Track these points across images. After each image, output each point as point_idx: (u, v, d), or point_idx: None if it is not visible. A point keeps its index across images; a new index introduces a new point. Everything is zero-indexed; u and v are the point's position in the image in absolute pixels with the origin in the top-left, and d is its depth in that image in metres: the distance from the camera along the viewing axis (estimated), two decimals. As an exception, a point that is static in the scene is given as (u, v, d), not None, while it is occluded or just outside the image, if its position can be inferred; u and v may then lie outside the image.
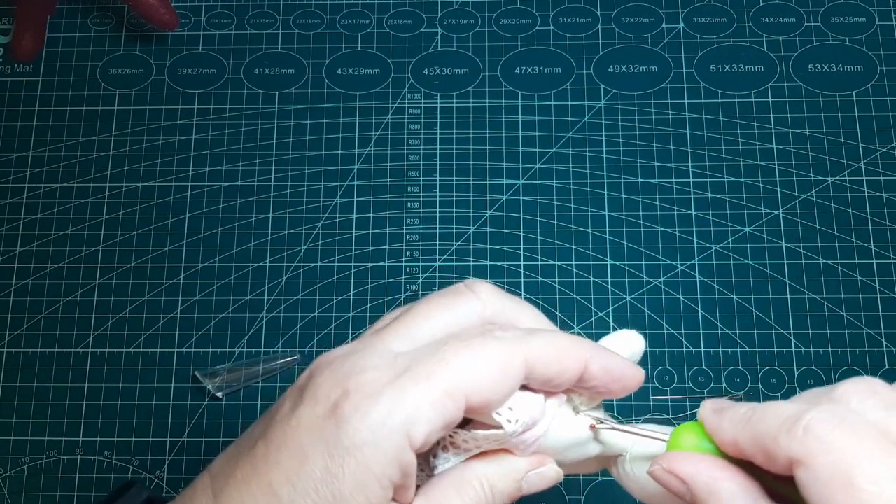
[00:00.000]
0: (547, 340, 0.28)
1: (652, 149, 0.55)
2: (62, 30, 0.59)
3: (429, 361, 0.26)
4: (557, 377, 0.28)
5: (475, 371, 0.26)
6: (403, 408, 0.25)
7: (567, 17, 0.58)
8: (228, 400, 0.51)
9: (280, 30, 0.59)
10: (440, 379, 0.26)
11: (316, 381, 0.27)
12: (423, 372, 0.26)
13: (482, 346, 0.27)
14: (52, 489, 0.50)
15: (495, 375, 0.27)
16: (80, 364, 0.52)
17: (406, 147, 0.56)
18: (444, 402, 0.26)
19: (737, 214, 0.53)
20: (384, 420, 0.25)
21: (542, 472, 0.30)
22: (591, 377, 0.29)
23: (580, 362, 0.28)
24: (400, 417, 0.25)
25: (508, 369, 0.27)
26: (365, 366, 0.27)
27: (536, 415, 0.28)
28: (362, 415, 0.25)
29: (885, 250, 0.52)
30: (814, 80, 0.56)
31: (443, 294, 0.30)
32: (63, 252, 0.54)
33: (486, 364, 0.27)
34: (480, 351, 0.27)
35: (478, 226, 0.54)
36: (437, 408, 0.26)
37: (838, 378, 0.50)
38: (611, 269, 0.52)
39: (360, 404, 0.25)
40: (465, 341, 0.27)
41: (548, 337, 0.28)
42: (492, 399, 0.27)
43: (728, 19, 0.58)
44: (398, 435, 0.25)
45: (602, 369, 0.29)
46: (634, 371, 0.30)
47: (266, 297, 0.53)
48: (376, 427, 0.25)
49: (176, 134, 0.56)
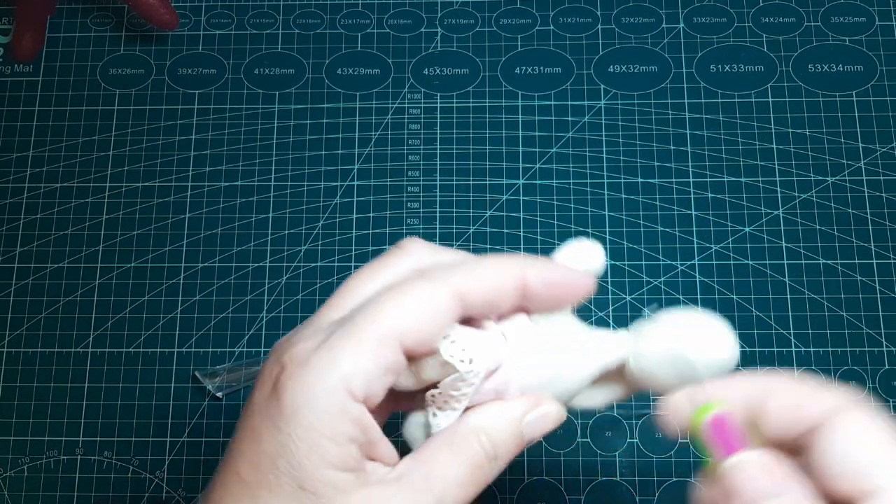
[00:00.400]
0: (475, 266, 0.28)
1: (652, 149, 0.55)
2: (62, 30, 0.59)
3: (355, 317, 0.27)
4: (495, 298, 0.28)
5: (401, 312, 0.26)
6: (334, 364, 0.26)
7: (567, 17, 0.58)
8: (228, 400, 0.51)
9: (280, 30, 0.59)
10: (366, 328, 0.26)
11: (264, 365, 0.28)
12: (349, 327, 0.26)
13: (407, 287, 0.27)
14: (52, 489, 0.50)
15: (423, 312, 0.26)
16: (80, 364, 0.52)
17: (406, 147, 0.56)
18: (376, 349, 0.26)
19: (737, 214, 0.53)
20: (317, 380, 0.25)
21: (540, 413, 0.29)
22: (533, 292, 0.28)
23: (515, 279, 0.28)
24: (334, 374, 0.25)
25: (437, 303, 0.27)
26: (298, 339, 0.27)
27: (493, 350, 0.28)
28: (296, 381, 0.26)
29: (885, 250, 0.52)
30: (814, 80, 0.56)
31: (376, 259, 0.30)
32: (63, 252, 0.54)
33: (412, 303, 0.26)
34: (404, 292, 0.27)
35: (478, 226, 0.54)
36: (369, 356, 0.26)
37: (838, 378, 0.50)
38: (611, 269, 0.52)
39: (293, 372, 0.26)
40: (390, 289, 0.27)
41: (476, 262, 0.28)
42: (425, 336, 0.27)
43: (728, 19, 0.58)
44: (337, 391, 0.25)
45: (540, 282, 0.28)
46: (578, 277, 0.29)
47: (266, 297, 0.53)
48: (311, 388, 0.25)
49: (176, 134, 0.56)
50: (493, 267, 0.28)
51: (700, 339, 0.29)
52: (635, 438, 0.49)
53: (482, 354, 0.28)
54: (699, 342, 0.29)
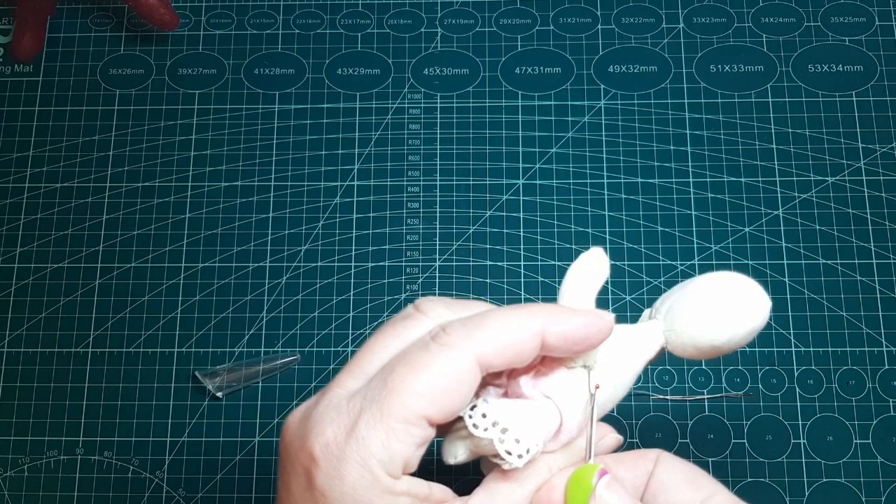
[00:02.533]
0: (494, 327, 0.27)
1: (652, 149, 0.55)
2: (62, 30, 0.59)
3: (379, 397, 0.26)
4: (516, 359, 0.28)
5: (425, 388, 0.26)
6: (370, 455, 0.26)
7: (567, 17, 0.58)
8: (228, 400, 0.51)
9: (280, 30, 0.59)
10: (392, 410, 0.26)
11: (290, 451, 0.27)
12: (377, 410, 0.26)
13: (426, 358, 0.27)
14: (52, 489, 0.50)
15: (447, 384, 0.26)
16: (81, 364, 0.52)
17: (406, 147, 0.56)
18: (405, 430, 0.26)
19: (737, 214, 0.53)
20: (359, 475, 0.26)
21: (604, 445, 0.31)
22: (553, 348, 0.28)
23: (535, 339, 0.28)
24: (371, 465, 0.26)
25: (459, 373, 0.27)
26: (323, 423, 0.27)
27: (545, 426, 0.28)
28: (337, 479, 0.26)
29: (885, 250, 0.52)
30: (814, 80, 0.56)
31: (392, 321, 0.30)
32: (63, 252, 0.54)
33: (435, 377, 0.26)
34: (426, 364, 0.26)
35: (478, 226, 0.54)
36: (401, 439, 0.26)
37: (838, 378, 0.50)
38: (611, 269, 0.52)
39: (332, 473, 0.26)
40: (409, 361, 0.27)
41: (494, 322, 0.27)
42: (450, 407, 0.27)
43: (728, 19, 0.58)
44: (378, 480, 0.26)
45: (561, 338, 0.28)
46: (597, 327, 0.29)
47: (266, 297, 0.53)
48: (355, 484, 0.26)
49: (176, 134, 0.56)
50: (513, 326, 0.28)
51: (735, 308, 0.30)
52: (636, 438, 0.49)
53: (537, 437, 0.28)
54: (733, 312, 0.29)
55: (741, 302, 0.30)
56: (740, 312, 0.30)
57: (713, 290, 0.30)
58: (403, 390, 0.26)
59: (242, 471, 0.50)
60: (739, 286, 0.30)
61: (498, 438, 0.27)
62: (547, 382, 0.29)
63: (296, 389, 0.51)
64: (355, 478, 0.26)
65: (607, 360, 0.30)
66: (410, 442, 0.26)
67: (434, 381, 0.26)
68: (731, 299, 0.30)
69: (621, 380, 0.30)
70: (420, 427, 0.26)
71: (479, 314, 0.28)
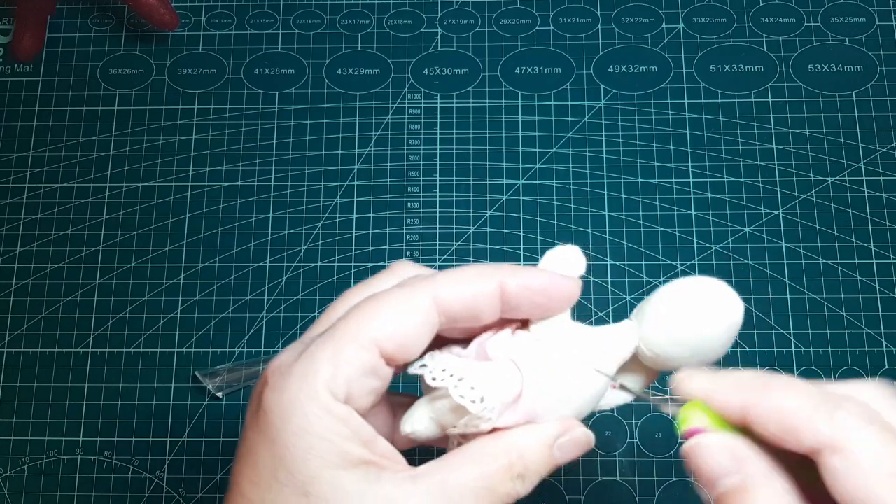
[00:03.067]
0: (453, 273, 0.28)
1: (652, 149, 0.55)
2: (62, 30, 0.59)
3: (335, 325, 0.27)
4: (475, 304, 0.27)
5: (378, 315, 0.26)
6: (313, 369, 0.26)
7: (567, 17, 0.58)
8: (228, 400, 0.51)
9: (280, 30, 0.59)
10: (343, 334, 0.26)
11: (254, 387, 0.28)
12: (328, 335, 0.27)
13: (386, 294, 0.27)
14: (52, 489, 0.50)
15: (401, 315, 0.26)
16: (81, 364, 0.52)
17: (406, 147, 0.56)
18: (353, 352, 0.26)
19: (737, 214, 0.53)
20: (299, 387, 0.26)
21: (573, 438, 0.28)
22: (515, 299, 0.28)
23: (493, 284, 0.27)
24: (314, 379, 0.26)
25: (414, 307, 0.27)
26: (280, 355, 0.27)
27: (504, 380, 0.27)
28: (279, 392, 0.26)
29: (885, 250, 0.52)
30: (814, 80, 0.56)
31: (364, 280, 0.30)
32: (63, 252, 0.54)
33: (389, 307, 0.26)
34: (384, 298, 0.27)
35: (478, 226, 0.54)
36: (346, 357, 0.26)
37: (838, 378, 0.50)
38: (611, 269, 0.52)
39: (276, 384, 0.26)
40: (370, 297, 0.27)
41: (454, 271, 0.28)
42: (403, 339, 0.26)
43: (728, 19, 0.58)
44: (319, 394, 0.25)
45: (521, 286, 0.28)
46: (560, 280, 0.29)
47: (266, 297, 0.53)
48: (295, 396, 0.25)
49: (176, 134, 0.56)
50: (471, 273, 0.28)
51: (704, 310, 0.29)
52: (635, 438, 0.49)
53: (494, 389, 0.27)
54: (703, 313, 0.29)
55: (710, 300, 0.29)
56: (708, 310, 0.29)
57: (683, 289, 0.30)
58: (357, 316, 0.26)
59: (242, 471, 0.50)
60: (710, 287, 0.30)
61: (453, 385, 0.27)
62: (513, 347, 0.28)
63: (296, 389, 0.51)
64: (295, 390, 0.25)
65: (575, 351, 0.29)
66: (357, 364, 0.26)
67: (388, 309, 0.26)
68: (700, 298, 0.29)
69: (589, 375, 0.29)
70: (369, 352, 0.26)
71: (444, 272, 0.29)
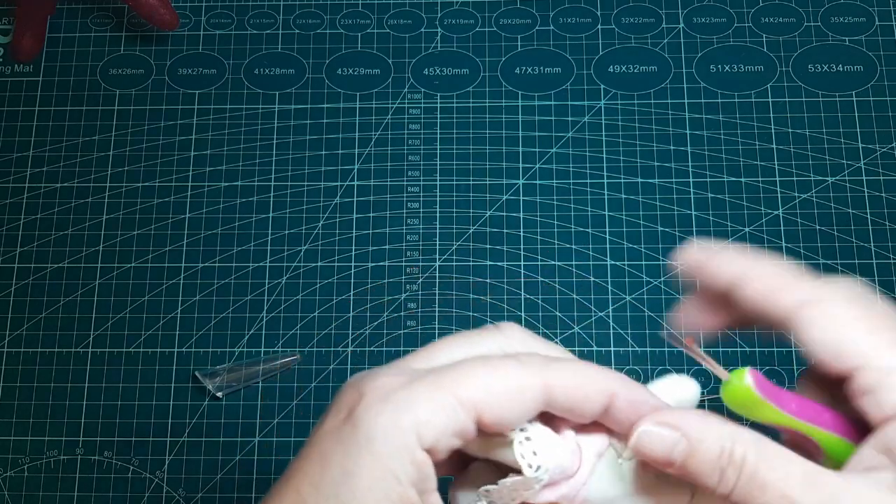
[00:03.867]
0: (570, 367, 0.27)
1: (652, 149, 0.55)
2: (62, 30, 0.59)
3: (443, 371, 0.27)
4: (579, 405, 0.27)
5: (488, 384, 0.26)
6: (413, 407, 0.26)
7: (567, 17, 0.58)
8: (228, 400, 0.51)
9: (280, 30, 0.59)
10: (451, 385, 0.26)
11: (339, 394, 0.28)
12: (436, 379, 0.26)
13: (500, 363, 0.27)
14: (52, 489, 0.50)
15: (510, 392, 0.26)
16: (81, 364, 0.52)
17: (406, 147, 0.56)
18: (453, 407, 0.26)
19: (737, 214, 0.53)
20: (394, 417, 0.26)
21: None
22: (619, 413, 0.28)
23: (604, 393, 0.27)
24: (409, 416, 0.26)
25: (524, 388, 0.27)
26: (381, 375, 0.27)
27: (564, 461, 0.27)
28: (374, 413, 0.26)
29: (885, 250, 0.52)
30: (814, 80, 0.56)
31: (471, 329, 0.30)
32: (63, 252, 0.54)
33: (500, 380, 0.26)
34: (497, 367, 0.27)
35: (478, 226, 0.54)
36: (446, 412, 0.26)
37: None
38: (611, 269, 0.52)
39: (373, 405, 0.26)
40: (483, 359, 0.27)
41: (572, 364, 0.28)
42: (504, 416, 0.26)
43: (728, 19, 0.58)
44: (408, 433, 0.25)
45: (629, 404, 0.27)
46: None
47: (266, 297, 0.53)
48: (387, 423, 0.26)
49: (176, 134, 0.56)
50: (588, 372, 0.28)
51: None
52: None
53: (552, 462, 0.27)
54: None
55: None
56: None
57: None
58: (467, 376, 0.27)
59: (242, 471, 0.50)
60: None
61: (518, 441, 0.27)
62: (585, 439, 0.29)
63: (296, 389, 0.51)
64: (391, 420, 0.26)
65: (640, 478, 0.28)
66: (450, 418, 0.26)
67: (499, 382, 0.26)
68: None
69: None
70: (467, 415, 0.26)
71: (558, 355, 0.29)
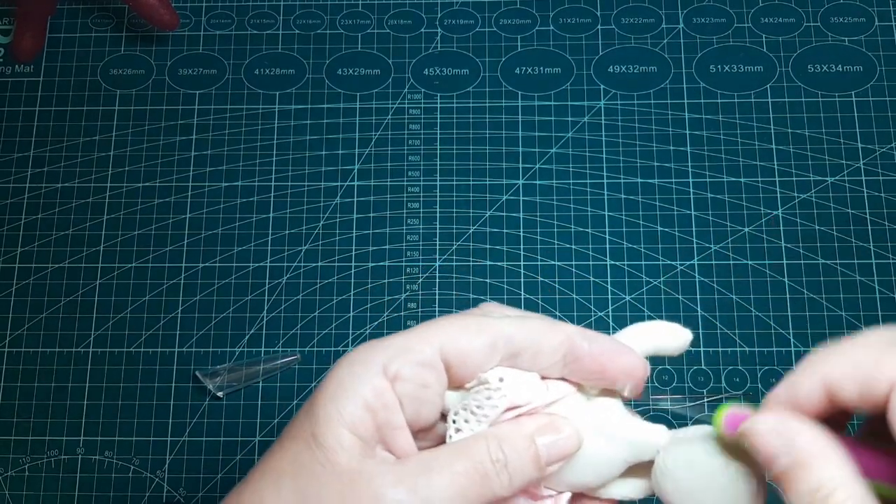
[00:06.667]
0: (530, 318, 0.29)
1: (652, 149, 0.55)
2: (62, 30, 0.59)
3: (413, 327, 0.29)
4: (540, 348, 0.28)
5: (450, 327, 0.28)
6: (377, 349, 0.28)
7: (567, 17, 0.58)
8: (229, 400, 0.51)
9: (280, 30, 0.59)
10: (415, 331, 0.28)
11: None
12: (400, 332, 0.28)
13: (464, 315, 0.29)
14: (52, 489, 0.50)
15: (469, 333, 0.28)
16: (81, 364, 0.52)
17: (406, 147, 0.56)
18: (417, 343, 0.28)
19: (736, 214, 0.53)
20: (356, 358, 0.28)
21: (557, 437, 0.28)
22: (579, 359, 0.28)
23: (563, 338, 0.28)
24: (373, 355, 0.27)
25: (484, 329, 0.28)
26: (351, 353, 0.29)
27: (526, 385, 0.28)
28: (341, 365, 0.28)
29: (885, 250, 0.52)
30: (813, 80, 0.56)
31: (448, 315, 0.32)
32: (64, 252, 0.54)
33: (461, 324, 0.28)
34: (460, 319, 0.29)
35: (478, 226, 0.54)
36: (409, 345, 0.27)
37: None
38: (610, 269, 0.53)
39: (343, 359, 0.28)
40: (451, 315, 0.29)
41: (532, 317, 0.29)
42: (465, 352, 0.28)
43: (728, 19, 0.58)
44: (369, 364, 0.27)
45: (587, 349, 0.28)
46: (629, 356, 0.29)
47: (266, 297, 0.53)
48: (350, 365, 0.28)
49: (176, 134, 0.56)
50: (548, 324, 0.29)
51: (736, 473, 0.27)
52: None
53: (515, 382, 0.28)
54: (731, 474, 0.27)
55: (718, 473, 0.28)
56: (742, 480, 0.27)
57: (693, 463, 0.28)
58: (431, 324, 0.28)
59: (243, 470, 0.50)
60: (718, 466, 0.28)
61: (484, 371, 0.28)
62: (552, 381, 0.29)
63: (296, 389, 0.51)
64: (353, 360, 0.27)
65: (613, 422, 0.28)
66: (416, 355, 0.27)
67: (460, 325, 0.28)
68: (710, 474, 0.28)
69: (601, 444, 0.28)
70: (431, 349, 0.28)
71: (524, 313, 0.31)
